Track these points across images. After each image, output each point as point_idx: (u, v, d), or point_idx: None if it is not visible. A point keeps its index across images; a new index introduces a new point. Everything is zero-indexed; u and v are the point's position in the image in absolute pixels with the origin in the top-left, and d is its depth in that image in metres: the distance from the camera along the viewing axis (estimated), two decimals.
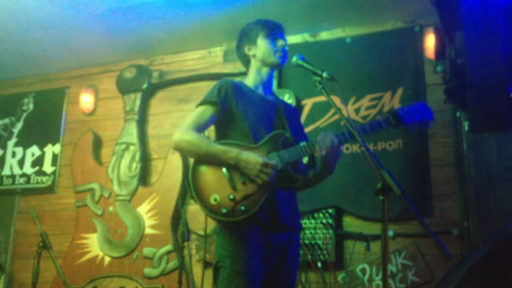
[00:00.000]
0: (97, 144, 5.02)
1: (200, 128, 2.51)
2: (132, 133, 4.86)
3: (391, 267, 3.73)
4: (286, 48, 2.65)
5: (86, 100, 5.16)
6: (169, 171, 4.62)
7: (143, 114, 4.97)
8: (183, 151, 2.48)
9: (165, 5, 4.24)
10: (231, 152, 2.37)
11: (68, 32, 4.68)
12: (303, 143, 2.47)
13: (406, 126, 2.46)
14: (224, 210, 2.31)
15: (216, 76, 4.65)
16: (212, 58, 4.86)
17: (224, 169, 2.37)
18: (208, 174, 2.40)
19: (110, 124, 5.07)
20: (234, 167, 2.36)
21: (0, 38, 4.77)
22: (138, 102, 4.93)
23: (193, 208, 4.25)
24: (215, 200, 2.34)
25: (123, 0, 4.18)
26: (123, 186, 4.72)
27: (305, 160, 2.57)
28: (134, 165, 4.76)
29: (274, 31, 2.66)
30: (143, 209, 4.60)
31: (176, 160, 4.61)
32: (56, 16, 4.42)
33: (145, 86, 4.94)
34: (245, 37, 2.70)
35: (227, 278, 2.33)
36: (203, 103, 2.54)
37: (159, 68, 4.99)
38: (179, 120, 4.80)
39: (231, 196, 2.32)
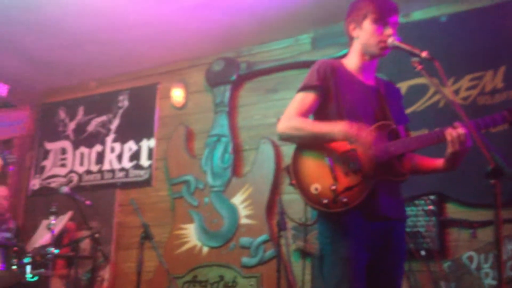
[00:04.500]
0: (190, 137, 5.14)
1: (303, 115, 2.42)
2: (223, 125, 4.92)
3: None
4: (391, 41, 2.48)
5: (177, 94, 5.29)
6: (261, 161, 4.65)
7: (233, 105, 5.02)
8: (289, 139, 2.43)
9: None
10: (339, 125, 2.30)
11: (156, 30, 4.81)
12: (412, 137, 2.37)
13: None
14: (325, 201, 2.25)
15: (304, 64, 4.61)
16: (300, 47, 4.83)
17: (326, 159, 2.32)
18: (310, 163, 2.35)
19: (201, 117, 5.17)
20: (338, 157, 2.30)
21: (94, 39, 4.99)
22: (227, 94, 4.99)
23: (288, 198, 4.26)
24: (316, 189, 2.29)
25: None
26: (216, 177, 4.80)
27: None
28: (226, 156, 4.82)
29: (385, 15, 2.43)
30: (237, 200, 4.66)
31: (267, 150, 4.63)
32: (145, 15, 4.56)
33: (233, 78, 4.99)
34: (353, 13, 2.51)
35: (331, 265, 2.29)
36: (304, 88, 2.43)
37: (246, 60, 5.02)
38: (268, 111, 4.83)
39: (333, 187, 2.27)
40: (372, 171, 2.29)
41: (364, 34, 2.46)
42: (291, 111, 2.42)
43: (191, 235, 4.78)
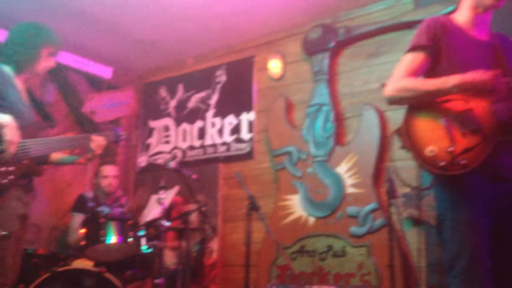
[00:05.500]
0: (289, 108, 5.10)
1: (412, 77, 2.35)
2: (323, 94, 4.83)
3: None
4: None
5: (274, 65, 5.26)
6: (365, 128, 4.53)
7: (332, 73, 4.91)
8: (398, 101, 2.34)
9: None
10: (453, 78, 2.17)
11: (250, 2, 4.78)
12: None
13: None
14: (441, 163, 2.15)
15: (407, 25, 4.42)
16: (401, 7, 4.61)
17: (441, 119, 2.21)
18: (423, 124, 2.25)
19: (299, 87, 5.11)
20: (454, 117, 2.17)
21: (190, 16, 5.06)
22: (326, 62, 4.89)
23: (396, 165, 4.12)
24: (431, 151, 2.19)
25: None
26: (319, 147, 4.74)
27: None
28: (328, 125, 4.74)
29: None
30: (342, 169, 4.58)
31: (371, 117, 4.49)
32: None
33: (331, 45, 4.87)
34: None
35: (451, 230, 2.20)
36: (413, 48, 2.36)
37: (344, 25, 4.88)
38: (370, 76, 4.68)
39: (450, 149, 2.15)
40: (492, 131, 2.15)
41: None
42: (399, 73, 2.34)
43: (296, 205, 4.77)
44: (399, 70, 2.36)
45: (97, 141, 3.48)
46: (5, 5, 4.81)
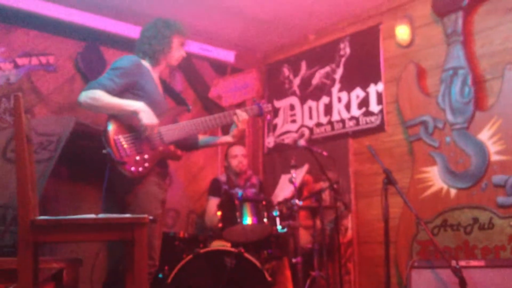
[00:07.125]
0: (421, 75, 4.79)
1: None
2: (458, 56, 4.47)
3: None
4: None
5: (402, 32, 4.97)
6: (509, 90, 4.12)
7: (467, 33, 4.52)
8: None
9: None
10: None
11: None
12: None
13: None
14: None
15: None
16: None
17: None
18: None
19: (431, 52, 4.78)
20: None
21: None
22: (459, 22, 4.50)
23: None
24: None
25: None
26: (457, 114, 4.41)
27: None
28: (466, 90, 4.39)
29: None
30: (485, 135, 4.22)
31: None
32: None
33: (465, 3, 4.47)
34: None
35: None
36: None
37: None
38: (511, 33, 4.25)
39: None
40: None
41: None
42: None
43: (435, 178, 4.49)
44: None
45: (240, 116, 3.54)
46: (136, 2, 5.02)
